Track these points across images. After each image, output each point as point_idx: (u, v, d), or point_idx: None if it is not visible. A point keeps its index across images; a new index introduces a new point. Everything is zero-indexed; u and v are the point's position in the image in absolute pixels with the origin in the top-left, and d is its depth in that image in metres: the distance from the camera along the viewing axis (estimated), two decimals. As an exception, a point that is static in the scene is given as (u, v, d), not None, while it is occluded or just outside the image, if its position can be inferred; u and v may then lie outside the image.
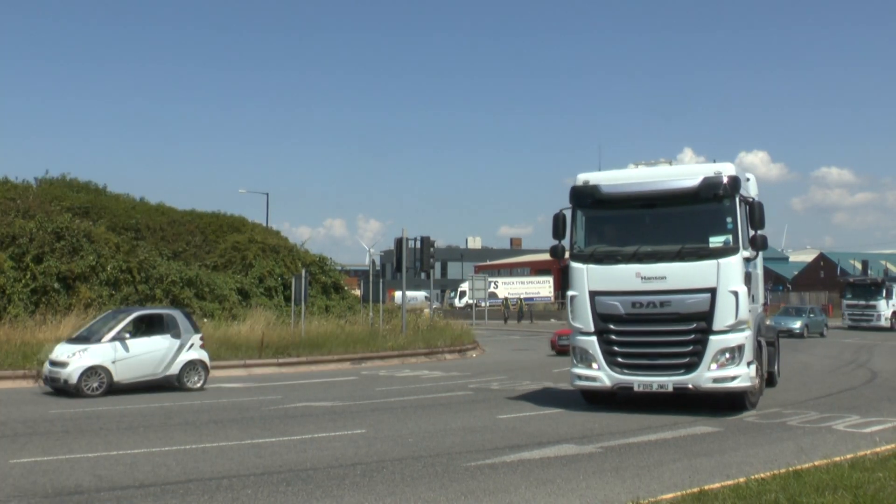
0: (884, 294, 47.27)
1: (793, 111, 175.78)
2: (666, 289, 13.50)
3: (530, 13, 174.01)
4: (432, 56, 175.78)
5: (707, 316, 13.29)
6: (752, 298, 14.08)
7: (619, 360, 13.89)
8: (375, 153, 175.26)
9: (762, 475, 8.36)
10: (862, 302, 47.86)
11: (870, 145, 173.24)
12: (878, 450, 10.02)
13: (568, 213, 14.57)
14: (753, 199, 13.90)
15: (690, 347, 13.44)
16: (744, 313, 13.24)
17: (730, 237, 13.51)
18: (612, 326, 13.92)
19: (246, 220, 39.71)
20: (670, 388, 13.50)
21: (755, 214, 13.54)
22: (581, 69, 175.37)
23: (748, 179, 15.49)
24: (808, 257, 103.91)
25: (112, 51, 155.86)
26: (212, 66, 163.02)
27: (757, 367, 14.01)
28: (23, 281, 25.46)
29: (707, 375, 13.31)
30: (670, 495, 7.75)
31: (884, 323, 46.64)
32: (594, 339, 14.04)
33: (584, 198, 14.41)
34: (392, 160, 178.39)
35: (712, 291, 13.25)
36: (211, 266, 33.21)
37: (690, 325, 13.42)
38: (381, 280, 32.04)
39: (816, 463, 9.14)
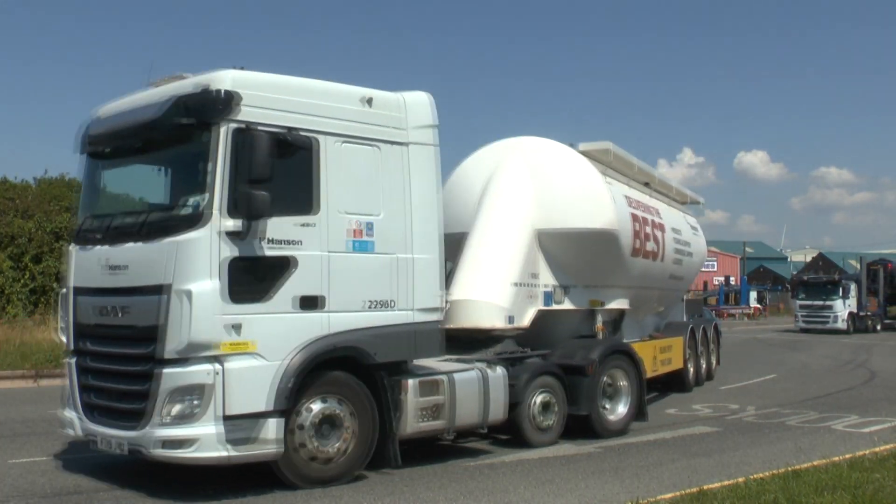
0: (840, 293, 42.45)
1: (792, 111, 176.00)
2: (126, 286, 8.36)
3: (532, 14, 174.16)
4: (433, 54, 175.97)
5: (156, 333, 7.92)
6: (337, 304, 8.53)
7: (90, 397, 8.84)
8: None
9: (761, 475, 8.36)
10: (818, 302, 42.97)
11: (869, 145, 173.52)
12: (876, 450, 10.02)
13: None
14: (261, 130, 8.02)
15: (143, 385, 8.06)
16: (203, 331, 7.72)
17: (203, 197, 7.96)
18: (88, 345, 8.89)
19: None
20: (126, 450, 8.17)
21: (254, 155, 7.85)
22: (580, 68, 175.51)
23: (369, 100, 9.06)
24: (807, 257, 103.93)
25: (111, 51, 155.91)
26: (211, 66, 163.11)
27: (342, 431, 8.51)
28: (21, 281, 25.47)
29: (157, 435, 7.85)
30: (669, 495, 7.75)
31: (840, 325, 41.96)
32: (73, 362, 9.08)
33: (81, 142, 9.49)
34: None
35: (165, 291, 7.88)
36: (211, 266, 33.18)
37: (142, 349, 8.09)
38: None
39: (815, 463, 9.14)
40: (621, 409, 11.87)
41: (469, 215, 11.98)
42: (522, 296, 11.44)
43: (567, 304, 12.28)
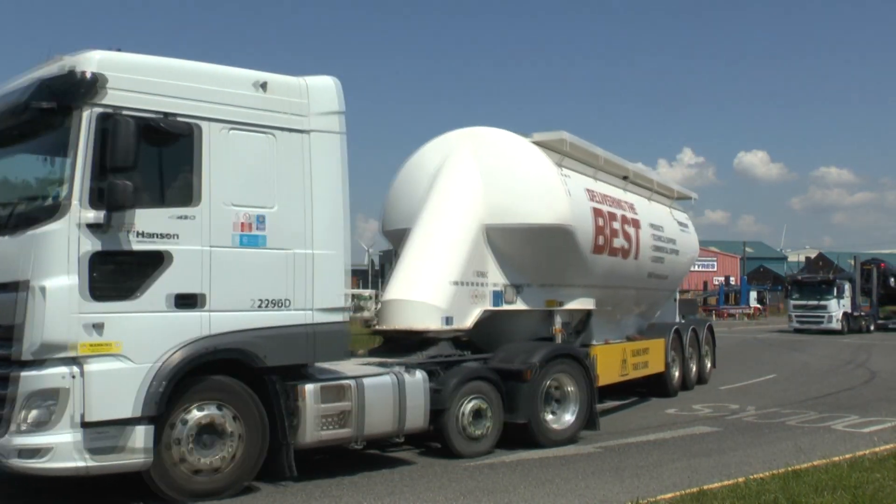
0: (835, 293, 41.73)
1: (792, 111, 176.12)
2: None
3: (532, 13, 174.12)
4: (431, 51, 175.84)
5: (13, 333, 7.30)
6: (200, 302, 7.71)
7: None
8: (373, 150, 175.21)
9: (761, 475, 8.36)
10: (812, 302, 42.21)
11: (869, 145, 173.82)
12: (876, 450, 10.02)
13: None
14: (126, 115, 7.35)
15: (3, 389, 7.42)
16: (58, 331, 7.10)
17: (63, 187, 7.39)
18: None
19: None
20: None
21: (116, 141, 7.20)
22: (580, 67, 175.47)
23: (263, 84, 8.36)
24: (801, 256, 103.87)
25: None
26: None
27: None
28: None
29: (14, 443, 7.21)
30: (669, 495, 7.74)
31: (835, 325, 41.25)
32: None
33: None
34: (390, 158, 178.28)
35: (23, 288, 7.26)
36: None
37: (3, 350, 7.45)
38: (379, 280, 32.05)
39: (815, 463, 9.14)
40: (568, 416, 11.01)
41: (415, 211, 11.51)
42: (464, 295, 10.81)
43: (520, 305, 11.62)
